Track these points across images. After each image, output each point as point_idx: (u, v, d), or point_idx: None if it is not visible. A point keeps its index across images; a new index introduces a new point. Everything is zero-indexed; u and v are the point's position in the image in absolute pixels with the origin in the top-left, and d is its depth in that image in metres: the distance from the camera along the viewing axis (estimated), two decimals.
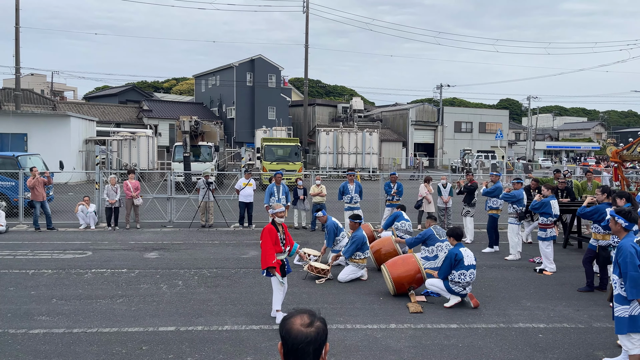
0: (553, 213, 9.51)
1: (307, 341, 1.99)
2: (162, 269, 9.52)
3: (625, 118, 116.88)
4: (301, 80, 51.41)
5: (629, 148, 12.03)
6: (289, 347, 2.00)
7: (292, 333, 2.00)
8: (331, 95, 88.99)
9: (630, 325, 5.02)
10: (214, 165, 24.74)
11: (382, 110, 62.85)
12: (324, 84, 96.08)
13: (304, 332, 2.00)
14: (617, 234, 5.41)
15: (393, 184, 13.65)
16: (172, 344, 5.95)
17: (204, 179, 14.23)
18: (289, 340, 2.00)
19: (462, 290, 7.43)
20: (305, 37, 39.30)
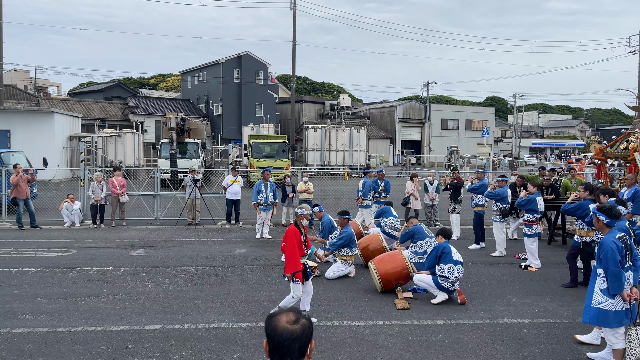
0: (538, 210, 9.62)
1: (293, 338, 2.00)
2: (148, 266, 9.45)
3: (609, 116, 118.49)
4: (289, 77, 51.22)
5: (612, 145, 12.19)
6: (275, 344, 2.00)
7: (277, 330, 2.01)
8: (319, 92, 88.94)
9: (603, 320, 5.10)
10: (200, 163, 24.60)
11: (370, 107, 62.96)
12: (312, 81, 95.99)
13: (290, 329, 2.01)
14: (600, 231, 5.48)
15: (380, 181, 13.69)
16: (159, 342, 5.91)
17: (191, 176, 14.14)
18: (275, 338, 2.00)
19: (450, 286, 7.48)
20: (292, 34, 39.20)
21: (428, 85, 59.18)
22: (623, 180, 11.03)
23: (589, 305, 5.22)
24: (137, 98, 51.01)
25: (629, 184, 9.78)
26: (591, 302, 5.20)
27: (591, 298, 5.22)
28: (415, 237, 9.09)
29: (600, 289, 5.18)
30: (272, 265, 9.64)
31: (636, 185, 9.82)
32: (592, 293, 5.23)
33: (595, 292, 5.20)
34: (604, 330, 5.29)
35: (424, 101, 60.10)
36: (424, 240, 9.00)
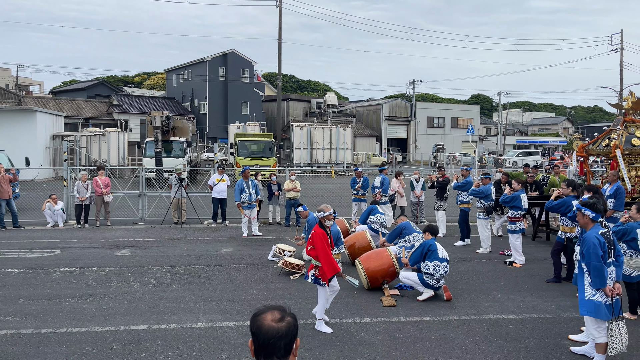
0: (522, 206, 9.73)
1: (278, 336, 2.00)
2: (134, 266, 9.37)
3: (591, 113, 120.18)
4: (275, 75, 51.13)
5: (594, 142, 12.37)
6: (260, 343, 2.00)
7: (263, 328, 2.01)
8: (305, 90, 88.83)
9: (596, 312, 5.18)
10: (186, 161, 24.44)
11: (356, 105, 63.07)
12: (298, 79, 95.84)
13: (275, 327, 2.01)
14: (584, 226, 5.53)
15: (358, 178, 13.72)
16: (144, 342, 5.87)
17: (176, 175, 14.04)
18: (260, 336, 2.00)
19: (436, 283, 7.53)
20: (278, 32, 39.10)
21: (414, 83, 59.48)
22: (605, 177, 11.20)
23: (584, 299, 5.29)
24: (121, 96, 50.45)
25: (610, 181, 9.94)
26: (585, 296, 5.27)
27: (584, 292, 5.29)
28: (403, 233, 9.13)
29: (588, 282, 5.26)
30: (259, 264, 9.62)
31: (618, 182, 9.98)
32: (584, 287, 5.30)
33: (586, 285, 5.28)
34: (588, 326, 5.37)
35: (409, 99, 60.36)
36: (412, 234, 9.05)
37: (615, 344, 5.09)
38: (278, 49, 39.06)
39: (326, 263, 6.11)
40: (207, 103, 50.66)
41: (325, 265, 6.12)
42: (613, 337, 5.09)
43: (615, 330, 5.09)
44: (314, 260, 6.33)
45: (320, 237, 6.20)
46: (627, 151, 11.17)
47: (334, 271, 6.12)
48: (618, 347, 5.10)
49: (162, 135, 23.16)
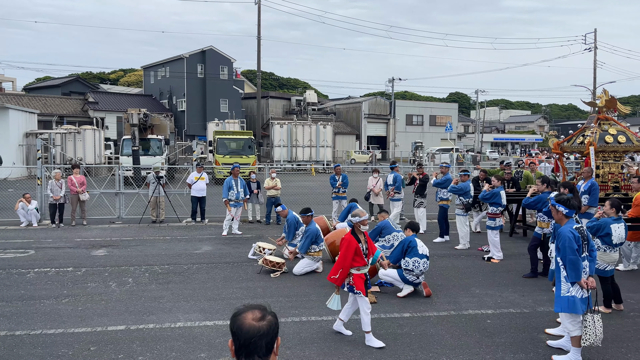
0: (502, 203, 9.86)
1: (260, 335, 1.98)
2: (111, 266, 9.21)
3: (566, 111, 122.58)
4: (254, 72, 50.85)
5: (569, 140, 12.60)
6: (241, 342, 1.98)
7: (243, 328, 1.99)
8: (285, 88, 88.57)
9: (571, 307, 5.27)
10: (164, 159, 24.14)
11: (336, 103, 63.14)
12: (278, 77, 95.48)
13: (256, 326, 1.99)
14: (559, 222, 5.63)
15: (338, 176, 13.73)
16: (122, 343, 5.77)
17: (154, 173, 13.85)
18: (241, 335, 1.98)
19: (415, 279, 7.58)
20: (257, 29, 38.85)
21: (393, 81, 59.77)
22: (579, 174, 11.42)
23: (559, 296, 5.37)
24: (97, 93, 49.55)
25: (585, 177, 10.14)
26: (560, 292, 5.36)
27: (560, 288, 5.37)
28: (383, 232, 9.17)
29: (564, 276, 5.35)
30: (239, 263, 9.56)
31: (592, 179, 10.18)
32: (560, 283, 5.39)
33: (562, 281, 5.37)
34: (563, 319, 5.46)
35: (389, 97, 60.66)
36: (391, 234, 9.09)
37: (589, 335, 5.17)
38: (257, 46, 38.84)
39: (337, 267, 5.79)
40: (185, 100, 50.10)
41: (335, 268, 5.84)
42: (587, 328, 5.18)
43: (590, 322, 5.18)
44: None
45: (348, 242, 5.82)
46: (601, 148, 11.40)
47: (334, 280, 5.83)
48: (592, 338, 5.17)
49: (139, 133, 22.81)
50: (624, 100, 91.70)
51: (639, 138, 12.01)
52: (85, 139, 28.89)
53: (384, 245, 9.15)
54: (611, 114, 12.21)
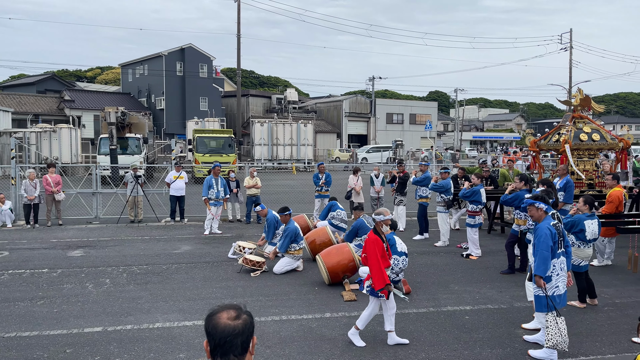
0: (482, 201, 9.98)
1: (235, 334, 1.97)
2: (88, 267, 9.06)
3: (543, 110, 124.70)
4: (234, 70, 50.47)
5: (545, 138, 12.81)
6: (216, 342, 1.97)
7: (218, 327, 1.98)
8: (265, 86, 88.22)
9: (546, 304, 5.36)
10: (143, 158, 23.84)
11: (317, 101, 63.13)
12: (258, 75, 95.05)
13: (231, 325, 1.98)
14: (538, 220, 5.66)
15: (321, 174, 13.73)
16: (99, 345, 5.69)
17: (132, 172, 13.67)
18: (216, 335, 1.97)
19: (395, 277, 7.61)
20: (237, 27, 38.60)
21: (373, 80, 60.05)
22: (555, 171, 11.62)
23: (537, 296, 5.46)
24: (74, 91, 48.67)
25: (560, 175, 10.33)
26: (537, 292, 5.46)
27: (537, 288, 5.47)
28: (359, 232, 9.18)
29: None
30: (219, 262, 9.49)
31: (567, 176, 10.37)
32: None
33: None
34: (538, 314, 5.55)
35: (369, 96, 60.90)
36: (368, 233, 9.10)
37: (550, 335, 5.11)
38: (237, 44, 38.60)
39: (376, 273, 5.55)
40: (164, 99, 49.53)
41: (375, 274, 5.55)
42: (549, 328, 5.15)
43: (552, 322, 5.14)
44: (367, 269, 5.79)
45: (374, 243, 5.62)
46: (576, 146, 11.62)
47: (384, 283, 5.53)
48: (555, 339, 5.08)
49: (117, 131, 22.49)
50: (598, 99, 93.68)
51: (612, 136, 12.28)
52: (61, 138, 28.35)
53: (361, 244, 9.15)
54: (586, 113, 12.46)
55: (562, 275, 5.46)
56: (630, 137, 12.30)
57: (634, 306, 7.06)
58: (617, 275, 8.69)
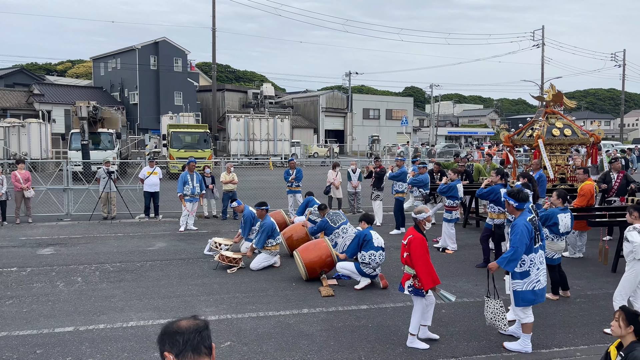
0: (459, 196, 10.07)
1: (203, 327, 1.99)
2: (59, 265, 8.83)
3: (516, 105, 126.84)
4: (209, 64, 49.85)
5: (519, 133, 13.00)
6: (185, 338, 1.95)
7: (183, 327, 1.98)
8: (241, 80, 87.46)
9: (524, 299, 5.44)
10: (116, 154, 23.38)
11: (293, 96, 62.88)
12: (234, 69, 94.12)
13: (196, 323, 2.01)
14: (512, 214, 5.79)
15: (292, 170, 13.67)
16: (71, 345, 5.54)
17: (105, 168, 13.37)
18: (185, 335, 1.96)
19: (372, 272, 7.64)
20: (212, 20, 38.12)
21: (350, 75, 60.06)
22: (529, 166, 11.81)
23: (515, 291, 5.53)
24: (44, 85, 47.35)
25: (534, 169, 10.49)
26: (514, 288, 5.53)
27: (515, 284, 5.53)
28: (326, 232, 9.14)
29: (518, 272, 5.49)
30: (195, 259, 9.36)
31: (541, 170, 10.55)
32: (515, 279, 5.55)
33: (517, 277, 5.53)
34: (514, 307, 5.62)
35: (346, 91, 60.93)
36: (333, 233, 9.07)
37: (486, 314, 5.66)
38: (212, 38, 38.12)
39: (426, 273, 5.42)
40: (137, 93, 48.62)
41: (424, 275, 5.41)
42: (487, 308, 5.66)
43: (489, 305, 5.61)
44: (408, 268, 5.60)
45: (420, 243, 5.50)
46: (548, 141, 11.82)
47: (433, 283, 5.44)
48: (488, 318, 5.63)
49: (89, 126, 21.97)
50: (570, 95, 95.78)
51: (583, 131, 12.54)
52: (30, 133, 27.57)
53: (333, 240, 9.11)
54: (558, 108, 12.68)
55: (541, 269, 5.52)
56: (601, 132, 12.58)
57: (605, 298, 7.22)
58: (588, 268, 8.88)
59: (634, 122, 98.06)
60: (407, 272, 5.61)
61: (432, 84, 69.91)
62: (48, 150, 29.22)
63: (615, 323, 3.58)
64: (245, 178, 18.17)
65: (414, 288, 5.55)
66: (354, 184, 14.27)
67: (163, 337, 1.99)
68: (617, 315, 3.59)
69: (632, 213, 6.07)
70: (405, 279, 5.64)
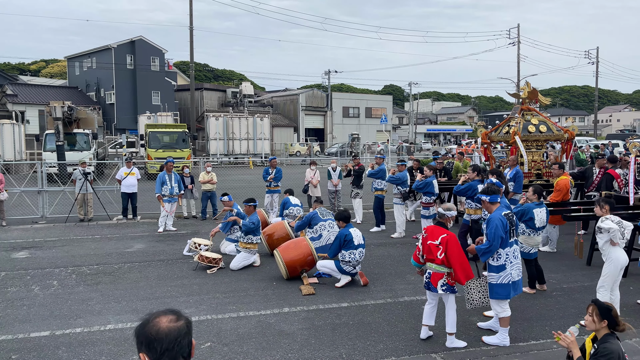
0: (434, 192, 10.16)
1: (183, 334, 1.90)
2: (34, 269, 8.65)
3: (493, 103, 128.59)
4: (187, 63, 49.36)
5: (496, 130, 13.18)
6: (164, 346, 1.86)
7: (162, 332, 1.87)
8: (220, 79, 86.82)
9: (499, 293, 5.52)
10: (92, 154, 22.99)
11: (273, 95, 62.67)
12: (212, 68, 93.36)
13: (177, 327, 1.90)
14: (488, 210, 5.87)
15: (272, 169, 13.61)
16: (47, 349, 5.43)
17: (81, 169, 13.13)
18: (164, 340, 1.86)
19: (352, 269, 7.66)
20: (189, 19, 37.71)
21: (329, 73, 60.09)
22: (505, 162, 11.98)
23: (491, 284, 5.62)
24: (16, 85, 46.29)
25: (510, 165, 10.65)
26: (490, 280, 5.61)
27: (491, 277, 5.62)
28: (312, 223, 9.16)
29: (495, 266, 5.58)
30: (174, 260, 9.27)
31: (517, 167, 10.71)
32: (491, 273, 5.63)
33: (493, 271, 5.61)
34: (492, 302, 5.70)
35: (325, 89, 60.96)
36: (319, 224, 9.10)
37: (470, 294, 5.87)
38: (190, 36, 37.72)
39: (463, 270, 5.42)
40: (114, 93, 47.89)
41: (462, 271, 5.41)
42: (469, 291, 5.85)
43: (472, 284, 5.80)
44: (438, 267, 5.50)
45: (456, 241, 5.49)
46: (524, 137, 12.01)
47: (467, 278, 5.48)
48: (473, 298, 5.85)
49: (64, 127, 21.54)
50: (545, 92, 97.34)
51: (558, 128, 12.77)
52: (3, 134, 26.92)
53: (313, 237, 9.12)
54: (533, 105, 12.89)
55: (515, 263, 5.62)
56: (575, 129, 12.83)
57: (581, 290, 7.38)
58: (563, 262, 9.05)
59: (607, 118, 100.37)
60: (437, 272, 5.49)
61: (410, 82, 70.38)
62: (22, 152, 28.60)
63: (589, 318, 3.65)
64: (224, 178, 18.04)
65: (448, 286, 5.50)
66: (334, 182, 14.28)
67: (139, 336, 1.91)
68: (591, 310, 3.66)
69: (602, 206, 6.21)
70: (437, 278, 5.49)
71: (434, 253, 5.48)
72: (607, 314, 3.60)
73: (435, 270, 5.51)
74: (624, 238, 6.02)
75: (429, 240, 5.56)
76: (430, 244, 5.53)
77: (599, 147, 25.46)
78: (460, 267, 5.40)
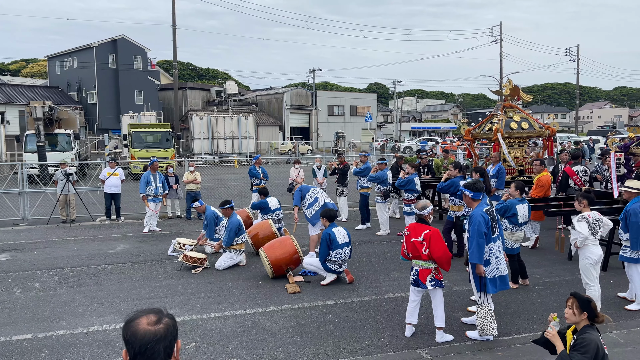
0: (416, 189, 10.23)
1: (157, 339, 1.86)
2: (15, 271, 8.52)
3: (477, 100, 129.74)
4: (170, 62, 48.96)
5: (479, 127, 13.30)
6: (136, 350, 1.84)
7: (138, 334, 1.86)
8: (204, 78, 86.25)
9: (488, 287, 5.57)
10: (74, 155, 22.70)
11: (257, 94, 62.45)
12: (196, 67, 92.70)
13: (152, 331, 1.87)
14: (469, 206, 5.93)
15: (257, 166, 13.57)
16: (29, 352, 5.36)
17: (62, 170, 12.96)
18: (136, 343, 1.85)
19: (338, 268, 7.68)
20: (172, 17, 37.40)
21: (314, 72, 60.09)
22: (488, 159, 12.10)
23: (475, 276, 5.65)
24: None
25: (493, 162, 10.76)
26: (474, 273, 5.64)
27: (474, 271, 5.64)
28: (303, 193, 9.18)
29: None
30: (158, 260, 9.20)
31: (499, 163, 10.83)
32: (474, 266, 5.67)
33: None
34: (475, 294, 5.75)
35: (310, 88, 60.94)
36: (310, 191, 9.17)
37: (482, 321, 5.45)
38: (173, 35, 37.40)
39: (448, 263, 5.52)
40: (96, 92, 47.30)
41: (447, 265, 5.52)
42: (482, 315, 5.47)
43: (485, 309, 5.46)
44: (424, 263, 5.54)
45: (440, 236, 5.56)
46: (507, 134, 12.13)
47: (449, 267, 5.58)
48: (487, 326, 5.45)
49: (45, 127, 21.23)
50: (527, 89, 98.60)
51: (540, 124, 12.93)
52: None
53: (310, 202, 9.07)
54: (515, 102, 13.04)
55: (500, 258, 5.67)
56: (556, 125, 13.00)
57: (562, 285, 7.49)
58: (545, 256, 9.18)
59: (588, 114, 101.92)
60: (425, 268, 5.54)
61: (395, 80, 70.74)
62: (2, 153, 28.13)
63: (569, 311, 3.71)
64: (209, 177, 17.96)
65: (437, 280, 5.54)
66: (319, 180, 14.29)
67: (124, 331, 1.91)
68: (571, 303, 3.72)
69: (581, 201, 6.32)
70: (425, 274, 5.53)
71: (419, 250, 5.52)
72: (587, 306, 3.67)
73: (422, 266, 5.56)
74: (599, 235, 6.15)
75: (412, 238, 5.60)
76: (415, 241, 5.56)
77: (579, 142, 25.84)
78: (446, 260, 5.50)
